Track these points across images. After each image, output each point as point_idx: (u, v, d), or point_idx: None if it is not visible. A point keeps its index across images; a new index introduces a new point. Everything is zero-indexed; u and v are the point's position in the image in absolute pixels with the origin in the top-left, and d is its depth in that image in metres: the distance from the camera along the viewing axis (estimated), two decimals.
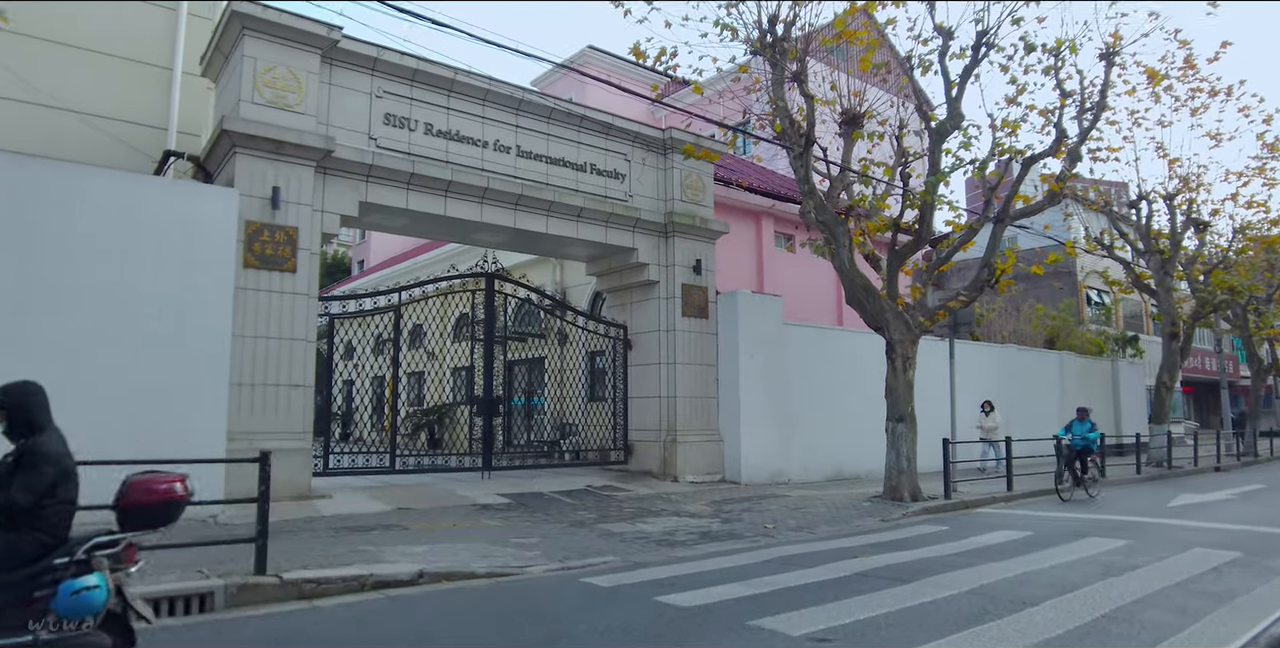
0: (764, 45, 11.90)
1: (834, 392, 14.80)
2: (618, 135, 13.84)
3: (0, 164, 8.22)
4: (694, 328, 14.05)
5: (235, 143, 9.95)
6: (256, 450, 9.66)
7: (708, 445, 13.79)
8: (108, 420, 8.46)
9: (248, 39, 10.26)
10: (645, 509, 10.88)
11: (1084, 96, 13.24)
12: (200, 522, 8.65)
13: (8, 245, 8.16)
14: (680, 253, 14.08)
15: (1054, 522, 10.52)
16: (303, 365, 10.18)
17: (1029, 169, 12.67)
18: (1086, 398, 21.15)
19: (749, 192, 16.97)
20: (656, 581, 6.85)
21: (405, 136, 11.57)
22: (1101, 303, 25.76)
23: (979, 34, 11.84)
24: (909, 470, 11.96)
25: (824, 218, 12.16)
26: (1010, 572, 7.18)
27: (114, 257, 8.70)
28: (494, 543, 8.28)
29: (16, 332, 8.11)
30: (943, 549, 8.43)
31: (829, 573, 7.19)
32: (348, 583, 6.44)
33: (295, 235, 10.26)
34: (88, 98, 11.50)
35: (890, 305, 12.34)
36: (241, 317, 9.70)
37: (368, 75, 11.34)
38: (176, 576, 6.11)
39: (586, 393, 15.83)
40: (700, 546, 8.60)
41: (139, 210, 8.91)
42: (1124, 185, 22.68)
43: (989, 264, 12.69)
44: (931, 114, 12.51)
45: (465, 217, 11.97)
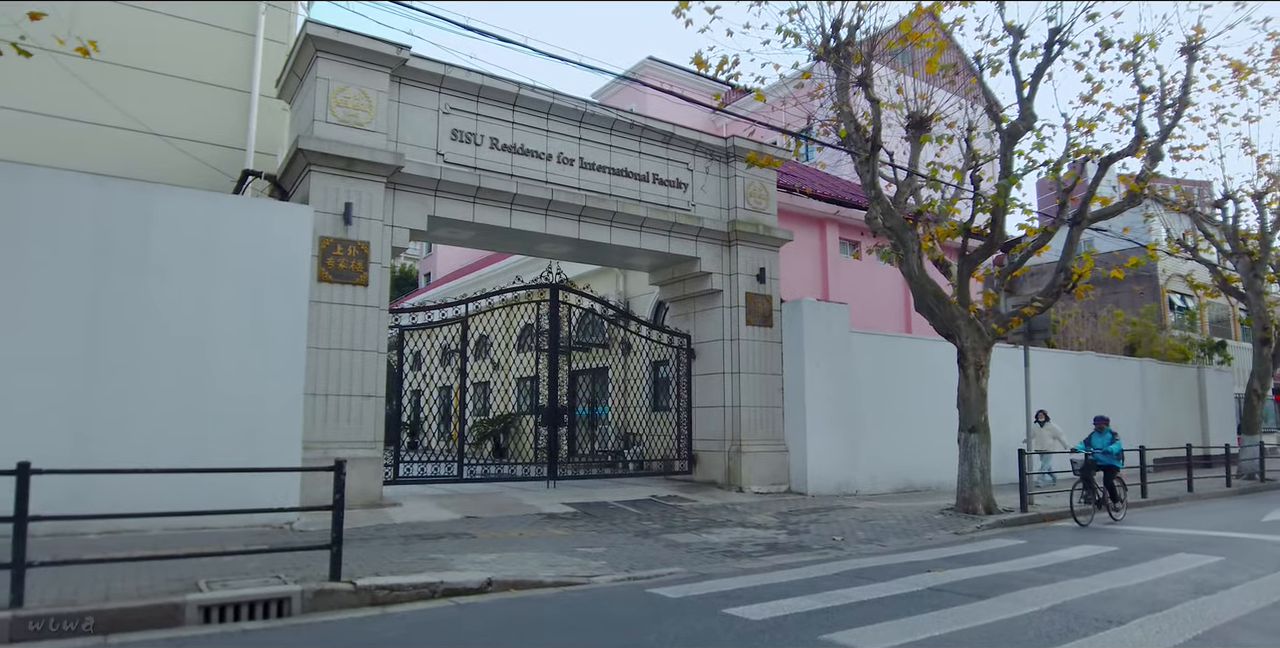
0: (827, 50, 11.79)
1: (902, 401, 14.48)
2: (679, 145, 13.86)
3: (84, 186, 8.65)
4: (758, 337, 13.93)
5: (310, 161, 10.28)
6: (331, 459, 9.98)
7: (773, 456, 13.63)
8: (188, 431, 8.82)
9: (321, 61, 10.61)
10: (710, 520, 10.80)
11: (1164, 93, 12.74)
12: (277, 529, 8.91)
13: (90, 263, 8.57)
14: (743, 261, 13.99)
15: (1139, 537, 10.08)
16: (374, 376, 10.42)
17: (1107, 169, 12.23)
18: (1171, 407, 20.25)
19: (812, 198, 16.80)
20: (724, 592, 6.79)
21: (471, 151, 11.79)
22: (1185, 307, 24.65)
23: (1052, 31, 11.51)
24: (983, 482, 11.61)
25: (891, 223, 11.94)
26: (1094, 588, 6.90)
27: (193, 272, 9.05)
28: (560, 552, 8.32)
29: (98, 346, 8.50)
30: (1021, 564, 8.15)
31: (902, 587, 7.02)
32: (419, 590, 6.53)
33: (367, 249, 10.53)
34: (171, 121, 12.03)
35: (961, 312, 12.03)
36: (315, 329, 9.99)
37: (435, 92, 11.61)
38: (256, 581, 6.30)
39: (650, 403, 15.83)
40: (767, 557, 8.50)
41: (216, 228, 9.27)
42: (1207, 184, 21.74)
43: (1065, 268, 12.28)
44: (1002, 115, 12.20)
45: (530, 228, 12.13)
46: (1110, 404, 18.46)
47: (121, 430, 8.46)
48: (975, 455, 11.71)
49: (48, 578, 5.83)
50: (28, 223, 8.32)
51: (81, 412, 8.33)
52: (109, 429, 8.40)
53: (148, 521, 8.22)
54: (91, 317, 8.53)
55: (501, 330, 13.70)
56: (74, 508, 6.39)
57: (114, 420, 8.47)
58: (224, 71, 12.79)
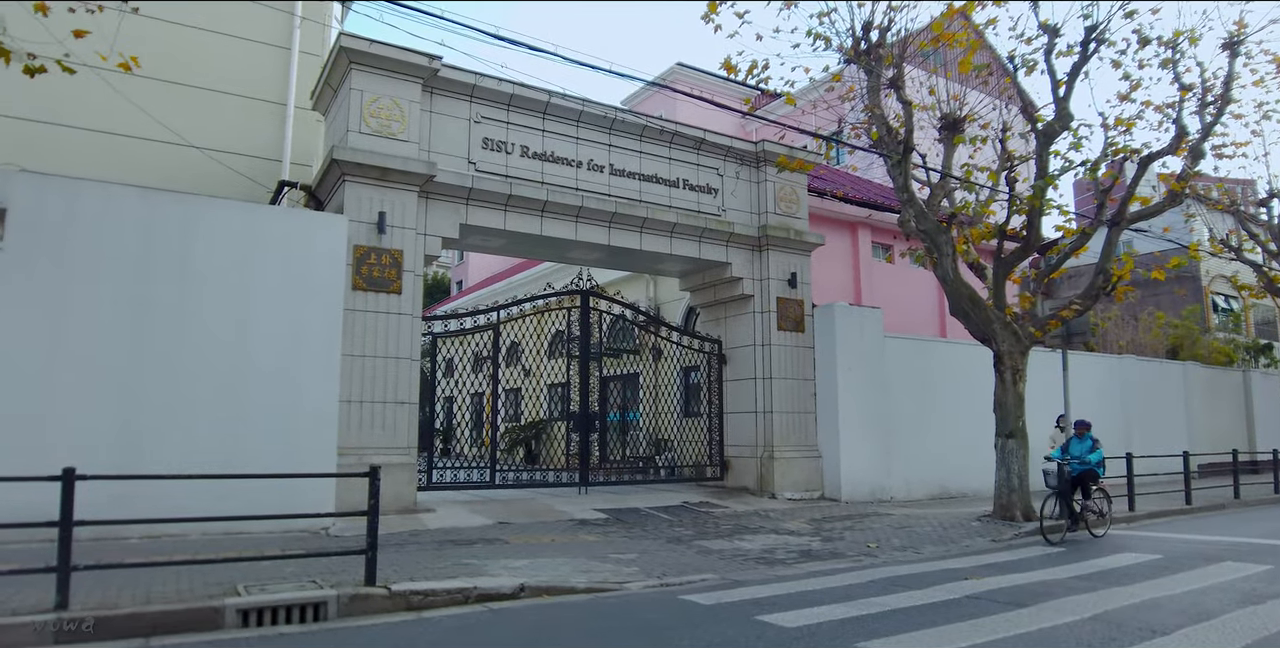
0: (858, 53, 11.71)
1: (938, 406, 14.29)
2: (709, 150, 13.85)
3: (130, 198, 8.87)
4: (790, 342, 13.84)
5: (344, 171, 10.44)
6: (366, 465, 10.11)
7: (806, 462, 13.52)
8: (227, 436, 8.97)
9: (355, 72, 10.77)
10: (743, 526, 10.74)
11: (1205, 90, 12.46)
12: (313, 534, 9.03)
13: (135, 271, 8.79)
14: (774, 266, 13.92)
15: (1183, 544, 9.83)
16: (408, 383, 10.53)
17: (1146, 169, 11.99)
18: (1216, 412, 19.75)
19: (844, 202, 16.68)
20: (757, 599, 6.74)
21: (503, 160, 11.89)
22: (1230, 309, 24.03)
23: (1088, 29, 11.33)
24: (1020, 488, 11.41)
25: (924, 226, 11.81)
26: (1137, 597, 6.74)
27: (232, 281, 9.23)
28: (593, 558, 8.32)
29: (142, 352, 8.70)
30: (1061, 572, 8.00)
31: (938, 595, 6.92)
32: (452, 596, 6.58)
33: (400, 258, 10.66)
34: (210, 134, 12.28)
35: (997, 315, 11.85)
36: (350, 337, 10.12)
37: (466, 102, 11.72)
38: (292, 585, 6.38)
39: (681, 408, 15.80)
40: (801, 564, 8.43)
41: (254, 238, 9.44)
42: (1251, 183, 21.20)
43: (1104, 270, 12.05)
44: (1038, 115, 12.01)
45: (561, 235, 12.19)
46: (1152, 409, 18.08)
47: (164, 434, 8.64)
48: (1012, 461, 11.52)
49: (91, 581, 5.95)
50: (77, 233, 8.56)
51: (126, 416, 8.53)
52: (152, 433, 8.59)
53: (187, 525, 8.42)
54: (136, 324, 8.74)
55: (533, 337, 13.74)
56: (118, 511, 6.53)
57: (157, 424, 8.65)
58: (261, 85, 13.05)
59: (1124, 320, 21.43)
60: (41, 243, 8.39)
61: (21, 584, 5.73)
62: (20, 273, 8.23)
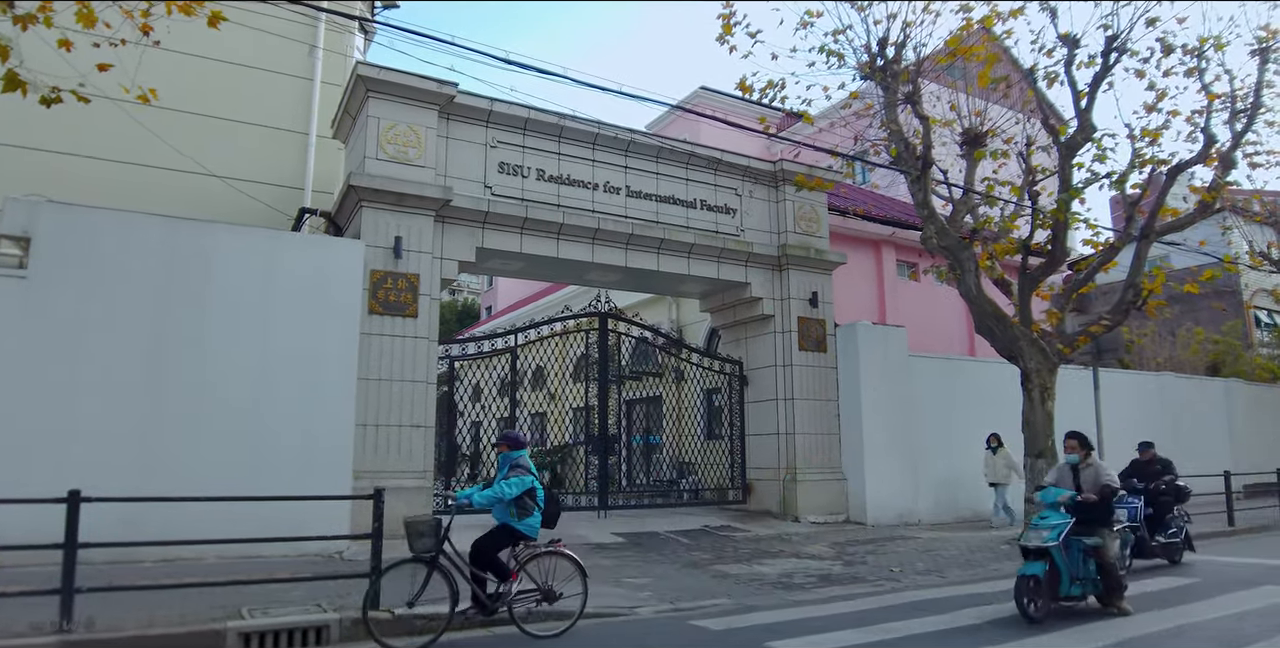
0: (874, 69, 11.65)
1: (966, 426, 13.92)
2: (727, 170, 13.82)
3: (151, 226, 9.05)
4: (812, 362, 13.65)
5: (361, 197, 10.56)
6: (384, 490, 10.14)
7: (829, 484, 13.25)
8: (243, 459, 9.03)
9: (372, 100, 10.95)
10: (763, 550, 10.52)
11: (1235, 98, 12.16)
12: (326, 558, 9.00)
13: (155, 297, 8.94)
14: (795, 286, 13.78)
15: (1221, 568, 9.43)
16: (423, 406, 10.53)
17: (1174, 179, 11.70)
18: (1262, 430, 18.96)
19: (866, 220, 16.51)
20: (769, 625, 6.57)
21: (518, 183, 11.96)
22: (1273, 324, 23.28)
23: (1108, 39, 11.15)
24: None
25: (946, 243, 11.63)
26: (1168, 622, 6.46)
27: (249, 306, 9.35)
28: (605, 582, 8.18)
29: (160, 376, 8.82)
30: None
31: (957, 621, 6.69)
32: (456, 620, 6.48)
33: (416, 282, 10.72)
34: (234, 164, 12.52)
35: (1024, 332, 11.58)
36: (366, 361, 10.16)
37: (482, 127, 11.84)
38: (297, 609, 6.34)
39: (704, 431, 15.62)
40: (819, 589, 8.22)
41: (272, 263, 9.57)
42: None
43: (1134, 284, 11.74)
44: (1060, 128, 11.81)
45: (577, 257, 12.19)
46: (1193, 428, 17.49)
47: (180, 457, 8.72)
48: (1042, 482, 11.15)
49: (98, 604, 5.95)
50: (100, 261, 8.73)
51: (144, 438, 8.63)
52: (169, 456, 8.67)
53: (203, 548, 8.43)
54: (155, 348, 8.87)
55: (557, 361, 13.70)
56: (131, 534, 6.55)
57: (174, 447, 8.74)
58: (284, 115, 13.33)
59: (1161, 337, 20.84)
60: (65, 270, 8.58)
61: (28, 606, 5.76)
62: (44, 299, 8.41)
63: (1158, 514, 9.69)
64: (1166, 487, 9.82)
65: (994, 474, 13.20)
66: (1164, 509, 9.75)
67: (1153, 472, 10.03)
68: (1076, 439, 7.58)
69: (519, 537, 6.60)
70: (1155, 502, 9.69)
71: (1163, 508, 9.73)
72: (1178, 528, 9.83)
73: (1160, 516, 9.70)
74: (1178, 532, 9.81)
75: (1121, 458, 13.48)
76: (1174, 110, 11.68)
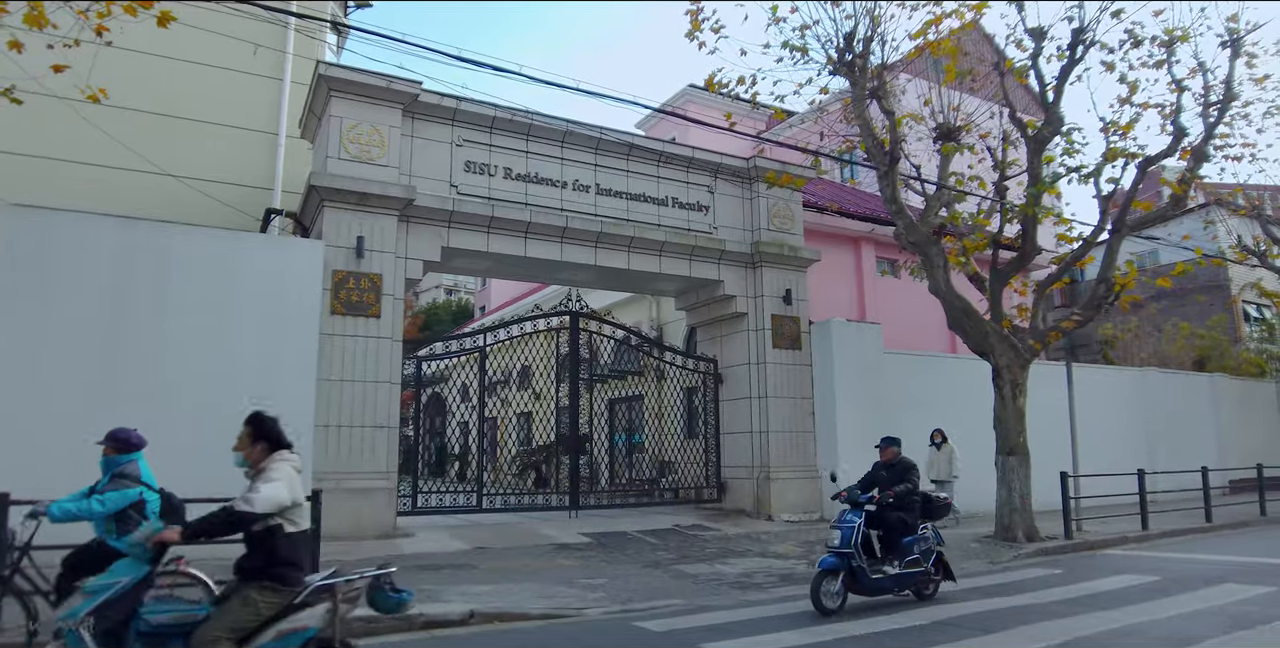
0: (841, 64, 11.55)
1: (943, 423, 13.76)
2: (699, 168, 13.73)
3: (107, 227, 9.00)
4: (786, 360, 13.56)
5: (323, 197, 10.50)
6: (343, 491, 10.08)
7: (803, 482, 13.16)
8: (203, 462, 8.94)
9: (335, 100, 10.88)
10: (729, 550, 10.44)
11: (1208, 90, 12.04)
12: None
13: (111, 298, 8.88)
14: (768, 283, 13.69)
15: (1188, 565, 9.32)
16: (386, 407, 10.46)
17: (1145, 172, 11.58)
18: (1248, 426, 18.82)
19: (844, 216, 16.41)
20: (712, 626, 6.49)
21: (485, 182, 11.89)
22: (1262, 318, 23.10)
23: (1074, 32, 11.04)
24: (1022, 508, 10.96)
25: (914, 238, 11.54)
26: (1117, 622, 6.36)
27: (207, 307, 9.29)
28: (561, 583, 8.12)
29: (116, 378, 8.76)
30: (1046, 596, 7.60)
31: (907, 621, 6.61)
32: (397, 623, 6.41)
33: (379, 282, 10.66)
34: (204, 166, 12.46)
35: (994, 328, 11.48)
36: (328, 361, 10.10)
37: (448, 126, 11.77)
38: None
39: (684, 430, 15.54)
40: (777, 589, 8.13)
41: (229, 264, 9.51)
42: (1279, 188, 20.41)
43: (1106, 280, 11.61)
44: (1029, 121, 11.71)
45: (546, 256, 12.12)
46: (1178, 423, 17.36)
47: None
48: (1014, 479, 11.08)
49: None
50: (55, 262, 8.69)
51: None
52: None
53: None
54: (112, 349, 8.83)
55: (542, 360, 13.60)
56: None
57: None
58: (255, 116, 13.26)
59: (1146, 332, 20.69)
60: (19, 271, 8.52)
61: None
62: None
63: (889, 536, 7.36)
64: (899, 499, 7.45)
65: (938, 472, 12.71)
66: (898, 528, 7.38)
67: (893, 478, 7.74)
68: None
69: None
70: (884, 519, 7.38)
71: (895, 527, 7.36)
72: (923, 552, 7.46)
73: (893, 537, 7.35)
74: (923, 557, 7.44)
75: (1097, 457, 13.44)
76: (1145, 103, 11.56)
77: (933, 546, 7.64)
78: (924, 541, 7.58)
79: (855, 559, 6.93)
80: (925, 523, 7.74)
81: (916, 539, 7.49)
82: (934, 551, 7.63)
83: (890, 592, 7.27)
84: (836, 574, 6.83)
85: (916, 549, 7.42)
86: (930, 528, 7.76)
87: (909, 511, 7.62)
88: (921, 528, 7.65)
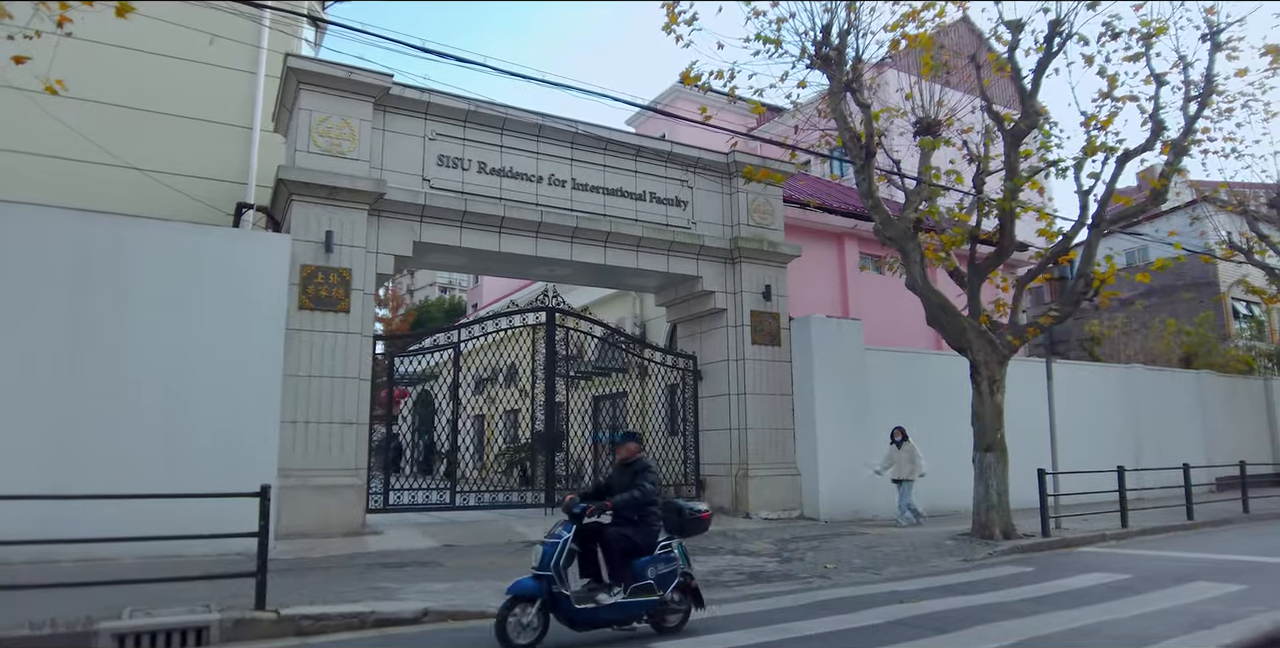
0: (817, 57, 11.43)
1: (925, 420, 13.68)
2: (678, 162, 13.62)
3: (66, 221, 8.89)
4: (765, 356, 13.45)
5: (291, 191, 10.41)
6: (309, 487, 9.98)
7: (782, 480, 13.06)
8: (166, 458, 8.86)
9: (304, 92, 10.78)
10: (702, 547, 10.33)
11: (1189, 84, 11.92)
12: (250, 556, 8.81)
13: (72, 293, 8.77)
14: (748, 279, 13.58)
15: (1162, 562, 9.21)
16: (355, 403, 10.37)
17: (1124, 167, 11.47)
18: (1236, 423, 18.70)
19: (827, 212, 16.28)
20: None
21: (459, 176, 11.78)
22: (1251, 315, 22.97)
23: (1051, 24, 10.93)
24: (999, 505, 10.84)
25: (891, 233, 11.44)
26: (1077, 622, 6.25)
27: (170, 302, 9.17)
28: None
29: (78, 375, 8.66)
30: (1012, 594, 7.49)
31: (863, 620, 6.49)
32: (347, 620, 6.33)
33: (349, 276, 10.55)
34: (179, 160, 12.37)
35: (971, 324, 11.37)
36: (295, 357, 10.00)
37: (421, 119, 11.67)
38: (182, 609, 6.16)
39: (667, 427, 15.44)
40: (742, 587, 8.04)
41: (193, 258, 9.39)
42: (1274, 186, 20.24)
43: (1084, 275, 11.50)
44: (1005, 115, 11.59)
45: (520, 251, 12.02)
46: (1164, 421, 17.26)
47: (99, 456, 8.53)
48: (991, 476, 10.97)
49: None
50: (11, 255, 8.55)
51: (63, 437, 8.47)
52: (88, 453, 8.50)
53: (120, 547, 8.27)
54: (72, 345, 8.71)
55: (527, 357, 13.48)
56: (46, 534, 6.44)
57: (92, 446, 8.56)
58: (230, 110, 13.17)
59: (1133, 329, 20.56)
60: None
61: None
62: None
63: (610, 556, 5.94)
64: (620, 510, 5.88)
65: (898, 470, 12.43)
66: (621, 547, 5.89)
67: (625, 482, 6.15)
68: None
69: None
70: (602, 535, 5.88)
71: (616, 545, 5.87)
72: (660, 577, 5.88)
73: (615, 558, 5.91)
74: (659, 583, 5.86)
75: (1082, 454, 13.31)
76: (1123, 97, 11.43)
77: (678, 568, 6.03)
78: (664, 562, 5.96)
79: (556, 584, 5.44)
80: (670, 540, 6.15)
81: (653, 561, 5.89)
82: (678, 574, 6.01)
83: (608, 625, 5.73)
84: (533, 601, 5.41)
85: (651, 573, 5.82)
86: (676, 547, 6.15)
87: (643, 525, 6.02)
88: (663, 547, 6.05)
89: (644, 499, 5.99)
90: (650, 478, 6.12)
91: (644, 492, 5.97)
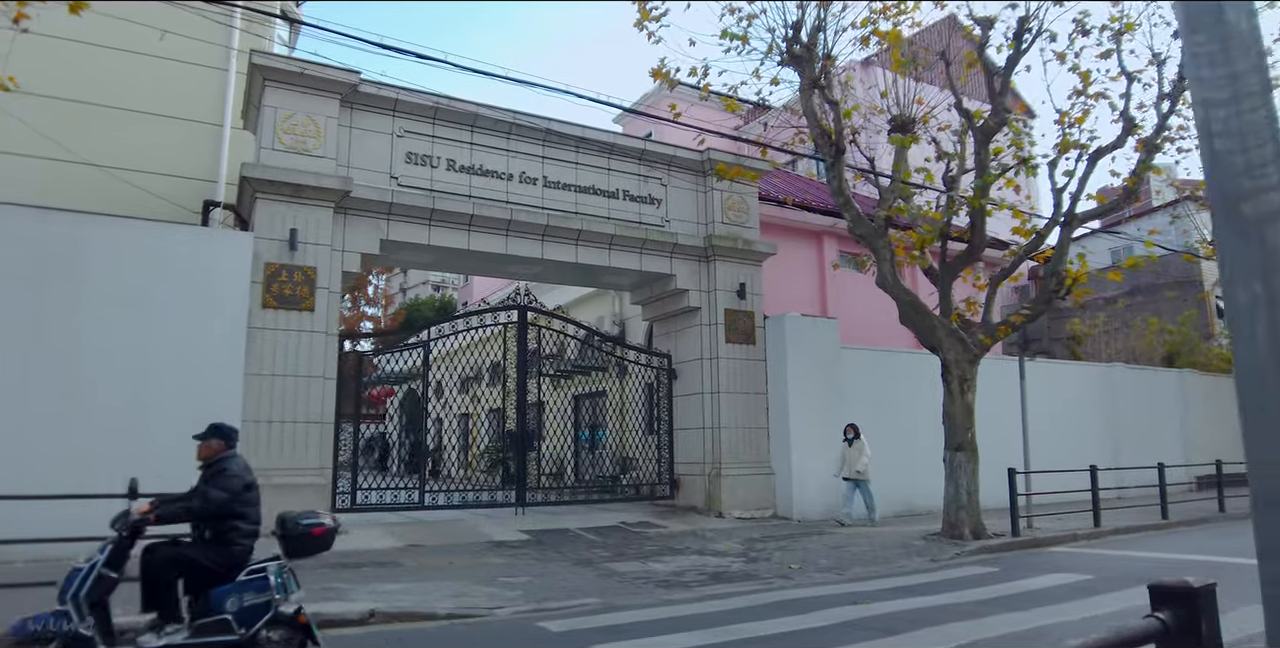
0: (789, 54, 11.36)
1: (901, 419, 13.65)
2: (653, 161, 13.53)
3: (25, 218, 8.80)
4: (739, 355, 13.38)
5: (255, 189, 10.31)
6: (272, 487, 9.87)
7: (755, 479, 12.98)
8: (126, 457, 8.75)
9: (269, 89, 10.69)
10: (669, 547, 10.28)
11: (1161, 82, 11.85)
12: None
13: (29, 291, 8.69)
14: (722, 277, 13.50)
15: (1127, 563, 9.16)
16: (320, 402, 10.28)
17: (1095, 164, 11.39)
18: (1218, 422, 18.61)
19: (805, 210, 16.20)
20: (615, 626, 6.32)
21: (427, 174, 11.70)
22: None
23: (1020, 20, 10.85)
24: (969, 505, 10.78)
25: (862, 231, 11.38)
26: (1027, 624, 6.19)
27: (129, 301, 9.09)
28: (480, 582, 7.95)
29: (35, 373, 8.57)
30: (970, 595, 7.43)
31: (813, 621, 6.43)
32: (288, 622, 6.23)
33: (314, 275, 10.47)
34: (150, 158, 12.22)
35: (942, 323, 11.31)
36: (258, 356, 9.91)
37: (389, 116, 11.57)
38: (120, 611, 6.08)
39: (645, 426, 15.37)
40: (702, 588, 7.97)
41: (153, 256, 9.31)
42: None
43: (1056, 273, 11.43)
44: (976, 112, 11.52)
45: (490, 250, 11.94)
46: (1144, 420, 17.20)
47: (57, 457, 8.43)
48: (961, 476, 10.91)
49: None
50: None
51: (19, 435, 8.37)
52: (45, 455, 8.39)
53: (78, 547, 8.18)
54: (30, 344, 8.63)
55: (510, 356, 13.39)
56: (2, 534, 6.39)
57: (50, 447, 8.46)
58: (200, 107, 13.04)
59: (1116, 328, 20.50)
60: None
61: None
62: None
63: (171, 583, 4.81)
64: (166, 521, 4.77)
65: (850, 469, 12.28)
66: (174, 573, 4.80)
67: None
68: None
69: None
70: (150, 560, 4.78)
71: (162, 570, 4.77)
72: (243, 611, 4.64)
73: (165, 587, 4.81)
74: (239, 619, 4.61)
75: (1060, 453, 13.26)
76: (1095, 93, 11.36)
77: (273, 600, 4.67)
78: (252, 592, 4.68)
79: (70, 621, 4.32)
80: (266, 564, 4.83)
81: (234, 590, 4.67)
82: (271, 607, 4.67)
83: None
84: (44, 644, 4.32)
85: (230, 606, 4.61)
86: (274, 572, 4.76)
87: (218, 544, 4.83)
88: (251, 572, 4.77)
89: (203, 511, 4.78)
90: (222, 484, 4.86)
91: (206, 501, 4.77)
